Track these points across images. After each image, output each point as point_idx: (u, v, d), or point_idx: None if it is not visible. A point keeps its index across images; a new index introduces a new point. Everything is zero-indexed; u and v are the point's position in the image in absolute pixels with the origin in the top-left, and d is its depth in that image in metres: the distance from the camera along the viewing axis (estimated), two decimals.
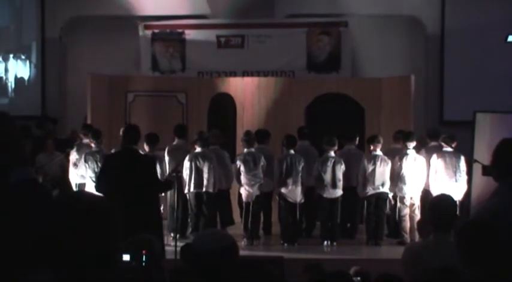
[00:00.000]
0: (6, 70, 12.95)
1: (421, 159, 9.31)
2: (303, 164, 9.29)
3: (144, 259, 3.47)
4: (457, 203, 8.09)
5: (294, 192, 9.28)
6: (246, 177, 9.27)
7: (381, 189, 9.31)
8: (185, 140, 9.63)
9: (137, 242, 3.72)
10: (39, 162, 10.03)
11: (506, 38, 10.01)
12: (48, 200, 3.14)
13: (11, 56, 12.95)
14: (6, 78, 12.98)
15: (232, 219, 9.80)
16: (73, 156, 9.80)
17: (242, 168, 9.26)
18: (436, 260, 3.78)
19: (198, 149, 9.30)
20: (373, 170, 9.27)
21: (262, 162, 9.31)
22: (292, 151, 9.38)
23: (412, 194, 9.34)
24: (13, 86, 12.99)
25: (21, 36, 13.13)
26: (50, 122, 12.03)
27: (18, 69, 12.99)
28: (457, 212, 4.09)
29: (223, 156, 9.62)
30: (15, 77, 12.99)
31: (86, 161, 9.24)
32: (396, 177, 9.31)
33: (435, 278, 3.06)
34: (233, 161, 9.64)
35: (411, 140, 9.33)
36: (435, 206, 4.04)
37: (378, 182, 9.28)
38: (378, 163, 9.28)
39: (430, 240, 3.99)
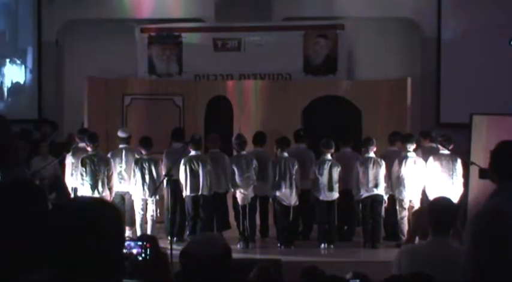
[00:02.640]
0: (2, 74, 12.91)
1: (420, 162, 9.31)
2: (296, 166, 9.28)
3: (148, 252, 3.55)
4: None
5: (288, 195, 9.27)
6: (240, 180, 9.27)
7: (375, 192, 9.30)
8: (182, 143, 9.61)
9: (141, 237, 3.78)
10: (34, 165, 10.00)
11: (510, 41, 10.02)
12: (43, 200, 3.13)
13: (7, 60, 12.92)
14: (2, 83, 12.94)
15: (229, 224, 9.78)
16: (69, 160, 9.78)
17: (236, 172, 9.26)
18: (434, 262, 3.78)
19: (192, 152, 9.29)
20: (366, 173, 9.27)
21: (254, 164, 9.30)
22: (285, 154, 9.36)
23: (411, 197, 9.33)
24: (9, 90, 12.95)
25: (17, 40, 13.10)
26: (47, 125, 11.98)
27: (14, 73, 12.95)
28: (457, 215, 4.06)
29: (223, 159, 9.56)
30: (11, 81, 12.95)
31: (83, 165, 9.21)
32: (395, 180, 9.31)
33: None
34: None
35: (411, 142, 9.33)
36: (435, 208, 4.02)
37: (371, 184, 9.28)
38: (371, 165, 9.28)
39: (428, 242, 3.98)
